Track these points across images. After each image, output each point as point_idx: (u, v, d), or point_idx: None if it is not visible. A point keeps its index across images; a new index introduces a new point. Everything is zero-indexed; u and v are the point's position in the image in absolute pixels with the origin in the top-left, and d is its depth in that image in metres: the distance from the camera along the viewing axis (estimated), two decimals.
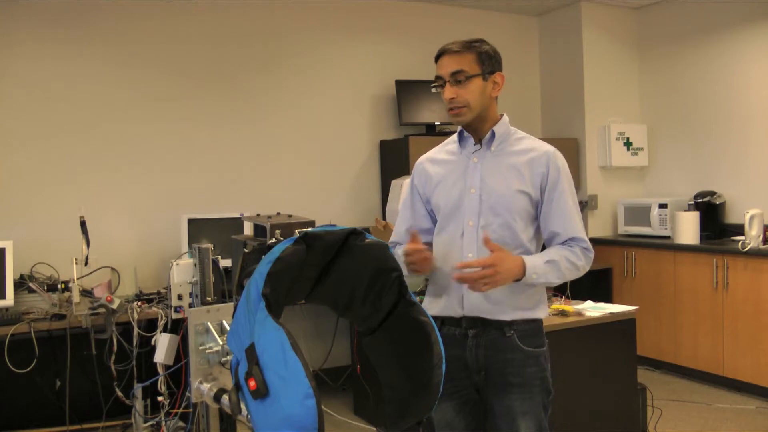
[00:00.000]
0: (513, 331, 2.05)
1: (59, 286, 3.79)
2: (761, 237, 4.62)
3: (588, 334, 3.24)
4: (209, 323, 1.94)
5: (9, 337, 3.40)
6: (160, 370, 2.92)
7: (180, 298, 3.13)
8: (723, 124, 5.30)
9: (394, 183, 4.72)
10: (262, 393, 1.38)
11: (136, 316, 3.55)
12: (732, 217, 5.16)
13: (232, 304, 1.88)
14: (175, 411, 3.32)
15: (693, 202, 5.23)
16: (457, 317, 2.09)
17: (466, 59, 2.05)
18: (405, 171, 4.91)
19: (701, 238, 5.02)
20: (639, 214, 5.48)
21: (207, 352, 1.92)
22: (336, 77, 5.18)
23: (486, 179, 2.09)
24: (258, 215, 2.22)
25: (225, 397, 1.81)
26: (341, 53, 5.20)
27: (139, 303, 3.73)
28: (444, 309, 2.11)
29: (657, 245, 5.17)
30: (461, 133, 2.18)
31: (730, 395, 4.58)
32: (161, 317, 3.50)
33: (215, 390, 1.87)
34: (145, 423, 3.51)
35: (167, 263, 3.58)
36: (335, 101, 5.17)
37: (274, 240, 1.97)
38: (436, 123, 5.25)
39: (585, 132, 5.70)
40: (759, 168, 5.06)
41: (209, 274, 2.59)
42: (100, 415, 3.74)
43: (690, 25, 5.50)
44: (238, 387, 1.47)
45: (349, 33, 5.24)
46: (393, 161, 5.16)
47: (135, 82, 4.49)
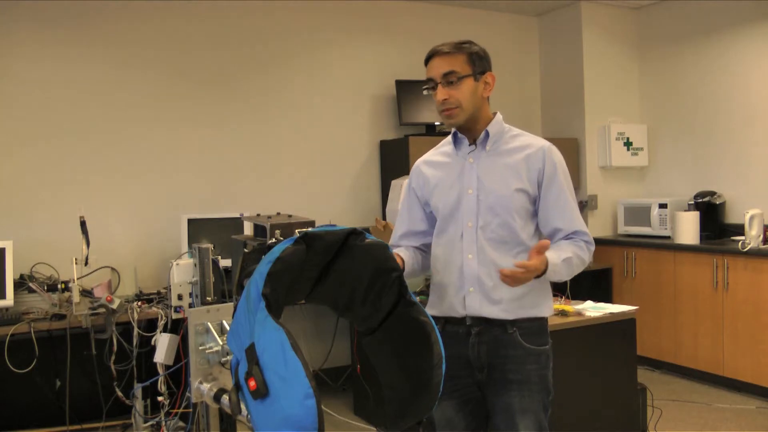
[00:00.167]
0: (515, 329, 2.05)
1: (59, 286, 3.79)
2: (761, 237, 4.62)
3: (588, 334, 3.24)
4: (209, 323, 1.95)
5: (9, 337, 3.40)
6: (160, 370, 2.92)
7: (180, 298, 3.13)
8: (723, 124, 5.30)
9: (394, 183, 4.72)
10: (262, 393, 1.38)
11: (136, 316, 3.55)
12: (732, 217, 5.16)
13: (232, 304, 1.88)
14: (175, 411, 3.32)
15: (693, 202, 5.23)
16: (459, 317, 2.09)
17: (457, 60, 2.06)
18: (405, 171, 4.91)
19: (701, 238, 5.02)
20: (639, 214, 5.48)
21: (207, 352, 1.92)
22: (336, 77, 5.18)
23: (483, 179, 2.09)
24: (258, 215, 2.22)
25: (225, 397, 1.82)
26: (341, 53, 5.21)
27: (139, 303, 3.73)
28: (447, 309, 2.11)
29: (657, 245, 5.17)
30: (455, 135, 2.18)
31: (730, 395, 4.58)
32: (161, 317, 3.50)
33: (215, 390, 1.87)
34: (145, 423, 3.51)
35: (167, 263, 3.58)
36: (335, 101, 5.17)
37: (274, 240, 1.97)
38: (436, 123, 5.25)
39: (585, 132, 5.70)
40: (759, 168, 5.06)
41: (209, 274, 2.59)
42: (100, 415, 3.74)
43: (690, 26, 5.50)
44: (238, 387, 1.47)
45: (349, 33, 5.24)
46: (393, 161, 5.16)
47: (135, 82, 4.49)
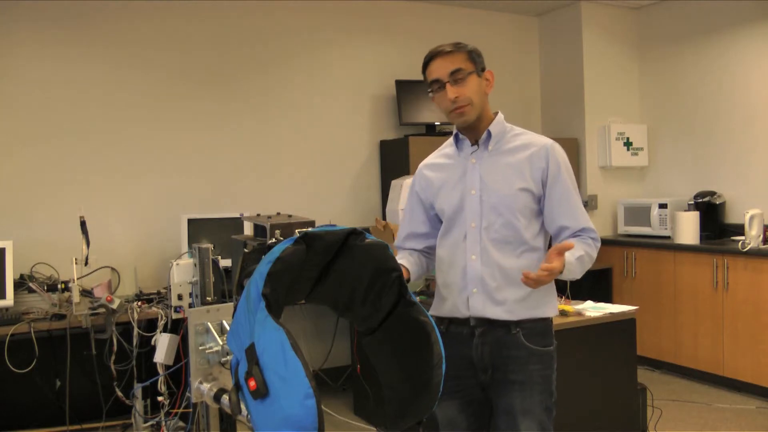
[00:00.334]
0: (519, 329, 2.05)
1: (59, 286, 3.79)
2: (761, 237, 4.62)
3: (588, 334, 3.24)
4: (209, 323, 1.95)
5: (9, 337, 3.40)
6: (160, 370, 2.92)
7: (180, 298, 3.13)
8: (723, 124, 5.30)
9: (394, 183, 4.72)
10: (262, 393, 1.38)
11: (136, 316, 3.54)
12: (732, 217, 5.16)
13: (232, 304, 1.88)
14: (175, 411, 3.32)
15: (693, 202, 5.23)
16: (463, 318, 2.09)
17: (459, 58, 2.06)
18: (405, 171, 4.91)
19: (701, 238, 5.02)
20: (639, 214, 5.48)
21: (207, 352, 1.92)
22: (336, 77, 5.18)
23: (485, 179, 2.08)
24: (258, 215, 2.22)
25: (225, 397, 1.82)
26: (341, 53, 5.20)
27: (139, 303, 3.73)
28: (451, 310, 2.11)
29: (657, 245, 5.17)
30: (456, 136, 2.18)
31: (730, 395, 4.58)
32: (161, 317, 3.50)
33: (215, 390, 1.87)
34: (145, 423, 3.51)
35: (167, 263, 3.58)
36: (335, 101, 5.17)
37: (274, 240, 1.97)
38: (436, 123, 5.25)
39: (585, 132, 5.70)
40: (759, 168, 5.06)
41: (209, 274, 2.59)
42: (100, 415, 3.74)
43: (690, 26, 5.50)
44: (238, 387, 1.47)
45: (349, 33, 5.24)
46: (393, 161, 5.16)
47: (135, 82, 4.49)
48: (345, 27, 5.21)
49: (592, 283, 5.28)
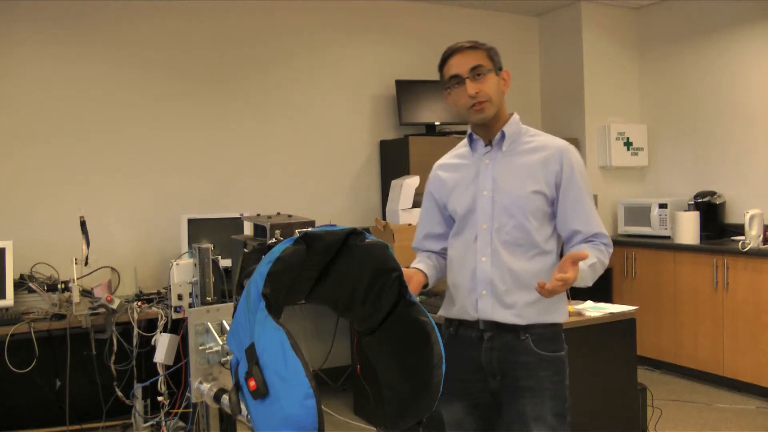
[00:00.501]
0: (528, 335, 2.02)
1: (59, 286, 3.79)
2: (761, 237, 4.62)
3: (588, 334, 3.24)
4: (209, 323, 1.94)
5: (9, 337, 3.40)
6: (160, 370, 2.92)
7: (180, 298, 3.13)
8: (723, 124, 5.30)
9: (394, 183, 4.72)
10: (262, 393, 1.38)
11: (136, 316, 3.55)
12: (732, 217, 5.16)
13: (232, 304, 1.88)
14: (175, 411, 3.32)
15: (693, 202, 5.23)
16: (472, 320, 2.07)
17: (479, 55, 2.04)
18: (405, 171, 4.91)
19: (701, 238, 5.02)
20: (639, 214, 5.48)
21: (207, 352, 1.92)
22: (336, 77, 5.18)
23: (498, 181, 2.06)
24: (258, 215, 2.22)
25: (225, 397, 1.82)
26: (341, 54, 5.21)
27: (139, 303, 3.73)
28: (459, 312, 2.10)
29: (657, 245, 5.17)
30: (470, 136, 2.15)
31: (730, 395, 4.58)
32: (161, 317, 3.50)
33: (215, 390, 1.87)
34: (145, 423, 3.51)
35: (167, 263, 3.58)
36: (335, 101, 5.17)
37: (274, 240, 1.97)
38: (436, 123, 5.25)
39: (585, 132, 5.70)
40: (759, 168, 5.06)
41: (209, 274, 2.59)
42: (100, 415, 3.74)
43: (690, 26, 5.50)
44: (238, 387, 1.47)
45: (349, 33, 5.24)
46: (393, 161, 5.16)
47: (135, 82, 4.49)
48: (345, 27, 5.21)
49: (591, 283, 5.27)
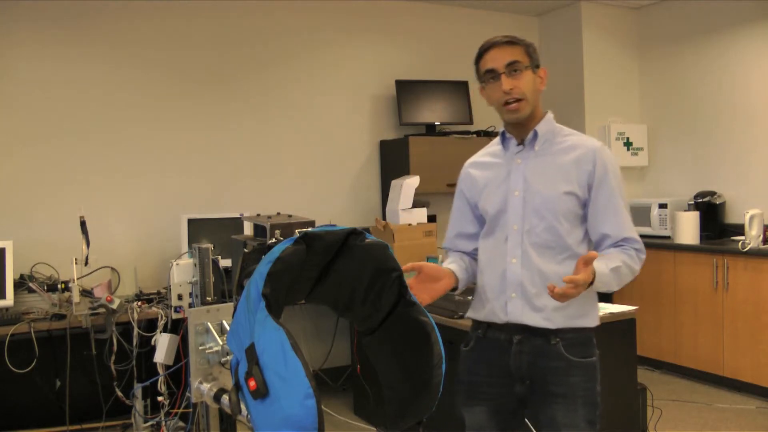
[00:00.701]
0: (558, 339, 1.96)
1: (59, 286, 3.79)
2: (761, 237, 4.62)
3: None
4: (209, 323, 1.95)
5: (9, 337, 3.40)
6: (160, 370, 2.92)
7: (180, 298, 3.13)
8: (723, 124, 5.30)
9: (394, 183, 4.72)
10: (262, 393, 1.38)
11: (136, 316, 3.55)
12: (732, 217, 5.16)
13: (232, 304, 1.88)
14: (175, 411, 3.32)
15: (693, 202, 5.23)
16: (501, 323, 2.01)
17: (517, 51, 1.98)
18: (405, 171, 4.91)
19: (701, 238, 5.02)
20: (639, 214, 5.48)
21: (207, 352, 1.92)
22: (336, 77, 5.18)
23: (530, 181, 2.00)
24: (258, 215, 2.22)
25: (225, 397, 1.82)
26: (341, 53, 5.21)
27: (139, 303, 3.73)
28: (488, 314, 2.05)
29: (657, 245, 5.17)
30: (503, 135, 2.09)
31: (730, 395, 4.58)
32: (161, 317, 3.50)
33: (215, 390, 1.87)
34: (145, 423, 3.51)
35: (167, 263, 3.58)
36: (335, 101, 5.17)
37: (274, 240, 1.97)
38: (436, 123, 5.25)
39: (585, 132, 5.67)
40: (759, 168, 5.06)
41: (209, 274, 2.59)
42: (100, 415, 3.74)
43: (690, 25, 5.50)
44: (238, 387, 1.47)
45: (349, 33, 5.24)
46: (393, 161, 5.16)
47: (135, 82, 4.49)
48: (345, 27, 5.21)
49: None
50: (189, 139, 4.65)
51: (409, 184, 4.55)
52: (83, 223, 3.73)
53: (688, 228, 5.00)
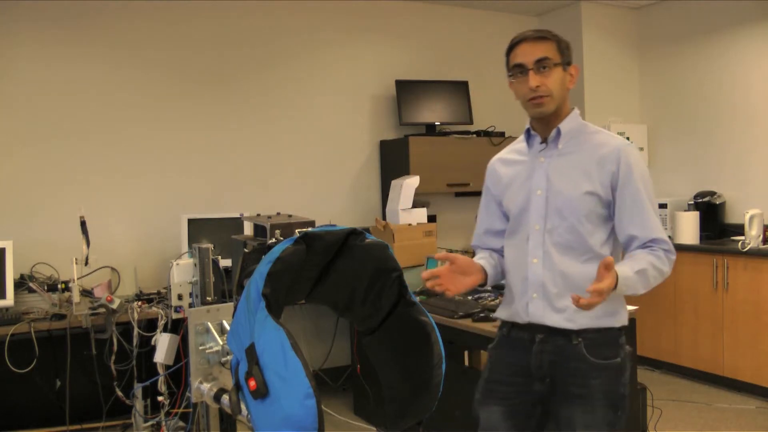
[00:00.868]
0: (581, 339, 1.92)
1: (59, 286, 3.79)
2: (761, 237, 4.62)
3: None
4: (209, 323, 1.95)
5: (9, 337, 3.40)
6: (160, 370, 2.92)
7: (180, 298, 3.13)
8: (723, 124, 5.30)
9: (394, 183, 4.72)
10: (262, 393, 1.38)
11: (136, 316, 3.54)
12: (732, 217, 5.16)
13: (232, 304, 1.88)
14: (175, 411, 3.32)
15: (693, 202, 5.23)
16: (523, 323, 1.99)
17: (548, 47, 1.94)
18: (405, 171, 4.91)
19: (701, 238, 5.02)
20: None
21: (207, 352, 1.93)
22: (336, 77, 5.18)
23: (552, 180, 1.97)
24: (258, 215, 2.23)
25: (225, 397, 1.82)
26: (341, 53, 5.20)
27: (139, 303, 3.73)
28: (512, 314, 2.03)
29: None
30: (528, 132, 2.06)
31: (730, 395, 4.58)
32: (161, 317, 3.50)
33: (215, 390, 1.88)
34: (145, 423, 3.51)
35: (167, 263, 3.58)
36: (335, 101, 5.17)
37: (274, 240, 1.97)
38: (436, 123, 5.25)
39: None
40: (759, 168, 5.06)
41: (209, 274, 2.59)
42: (100, 415, 3.74)
43: (690, 25, 5.50)
44: (238, 387, 1.47)
45: (349, 33, 5.24)
46: (393, 161, 5.16)
47: (135, 82, 4.49)
48: (345, 27, 5.21)
49: None
50: (189, 139, 4.65)
51: (409, 184, 4.55)
52: (83, 223, 3.73)
53: (688, 228, 5.00)
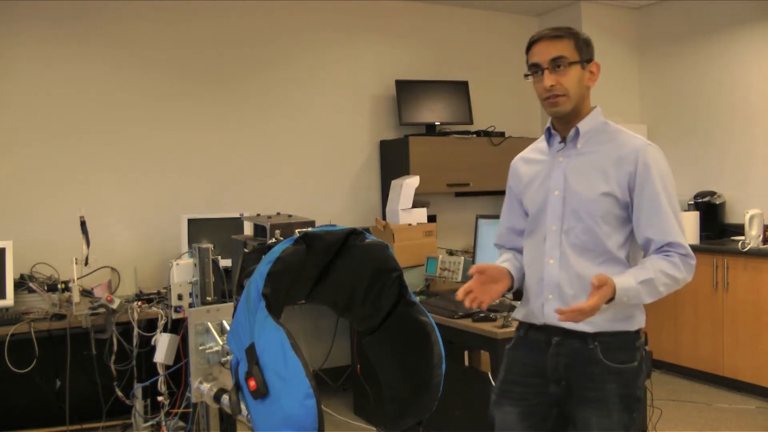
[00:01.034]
0: (597, 343, 1.88)
1: (59, 286, 3.79)
2: (761, 237, 4.62)
3: None
4: (209, 323, 1.95)
5: (9, 337, 3.40)
6: (160, 370, 2.92)
7: (180, 298, 3.13)
8: (723, 124, 5.30)
9: (394, 183, 4.72)
10: (262, 393, 1.38)
11: (136, 316, 3.54)
12: (732, 217, 5.16)
13: (232, 304, 1.88)
14: (175, 411, 3.32)
15: (693, 202, 5.23)
16: (539, 324, 1.97)
17: (565, 45, 1.92)
18: (405, 171, 4.91)
19: (701, 238, 5.02)
20: None
21: (207, 352, 1.93)
22: (336, 77, 5.18)
23: (570, 180, 1.94)
24: (258, 215, 2.23)
25: (225, 397, 1.82)
26: (341, 53, 5.20)
27: (139, 303, 3.73)
28: (527, 315, 2.01)
29: None
30: (548, 131, 2.04)
31: (730, 395, 4.58)
32: (161, 317, 3.49)
33: (215, 390, 1.88)
34: (145, 423, 3.51)
35: (167, 263, 3.58)
36: (335, 101, 5.17)
37: (274, 240, 1.97)
38: (436, 123, 5.25)
39: None
40: (759, 168, 5.06)
41: (209, 274, 2.59)
42: (100, 415, 3.74)
43: (690, 26, 5.50)
44: (238, 387, 1.47)
45: (349, 33, 5.24)
46: (393, 161, 5.16)
47: (135, 82, 4.49)
48: (345, 27, 5.21)
49: None
50: (189, 139, 4.65)
51: (409, 184, 4.55)
52: (83, 223, 3.72)
53: (688, 228, 4.96)
